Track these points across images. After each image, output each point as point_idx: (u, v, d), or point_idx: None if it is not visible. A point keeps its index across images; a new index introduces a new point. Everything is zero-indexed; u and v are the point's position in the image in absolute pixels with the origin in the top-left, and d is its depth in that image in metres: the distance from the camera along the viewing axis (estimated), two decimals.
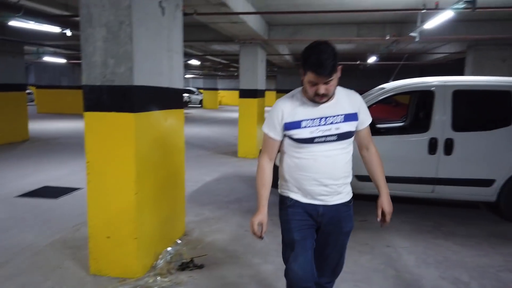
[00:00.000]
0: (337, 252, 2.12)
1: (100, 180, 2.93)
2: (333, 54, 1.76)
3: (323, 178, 1.91)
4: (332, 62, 1.75)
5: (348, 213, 2.05)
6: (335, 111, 1.90)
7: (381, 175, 2.06)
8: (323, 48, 1.76)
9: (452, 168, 4.44)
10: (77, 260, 3.30)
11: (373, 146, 2.08)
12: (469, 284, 3.07)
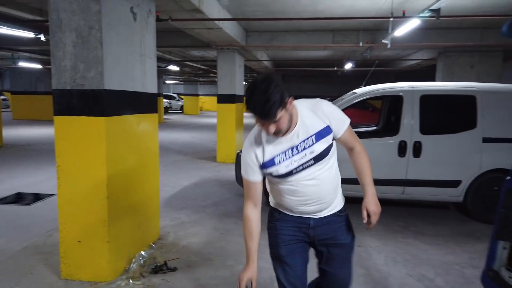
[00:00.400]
0: (345, 269, 1.98)
1: (70, 184, 2.93)
2: (273, 95, 1.57)
3: (310, 200, 1.83)
4: (270, 106, 1.57)
5: (341, 224, 1.93)
6: (304, 135, 1.75)
7: (366, 174, 1.88)
8: (261, 89, 1.57)
9: (421, 170, 4.60)
10: (49, 266, 3.27)
11: (358, 145, 1.91)
12: (434, 280, 3.19)
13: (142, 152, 3.52)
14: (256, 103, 1.58)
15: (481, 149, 4.46)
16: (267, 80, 1.60)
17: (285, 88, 1.64)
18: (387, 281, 3.16)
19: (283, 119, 1.65)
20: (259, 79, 1.62)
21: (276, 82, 1.60)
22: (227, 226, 4.42)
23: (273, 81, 1.60)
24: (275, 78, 1.63)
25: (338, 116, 1.81)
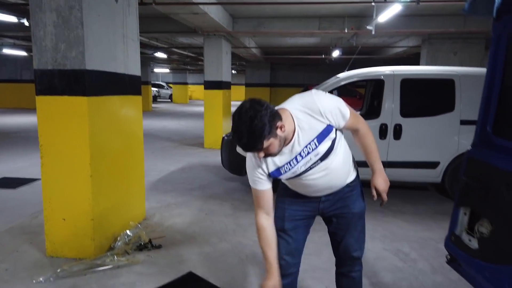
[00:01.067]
0: (352, 237, 1.98)
1: (54, 163, 2.97)
2: (258, 128, 1.50)
3: (322, 189, 1.86)
4: (254, 139, 1.52)
5: (352, 193, 1.94)
6: (305, 141, 1.70)
7: (372, 152, 1.89)
8: (245, 120, 1.51)
9: (401, 152, 4.73)
10: (34, 244, 3.33)
11: (363, 126, 1.86)
12: (409, 254, 3.33)
13: (126, 134, 3.57)
14: (240, 135, 1.53)
15: (459, 131, 4.60)
16: (253, 110, 1.52)
17: (275, 112, 1.58)
18: (364, 255, 3.28)
19: (272, 146, 1.60)
20: (244, 108, 1.54)
21: (262, 112, 1.52)
22: (212, 207, 4.51)
23: (258, 111, 1.51)
24: (261, 106, 1.54)
25: (336, 111, 1.70)
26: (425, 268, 3.08)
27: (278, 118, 1.59)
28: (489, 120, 1.77)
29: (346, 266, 2.06)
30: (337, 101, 1.74)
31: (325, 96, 1.73)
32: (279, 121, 1.59)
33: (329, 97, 1.74)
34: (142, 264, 3.06)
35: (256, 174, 1.76)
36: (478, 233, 1.76)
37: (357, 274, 2.07)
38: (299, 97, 1.75)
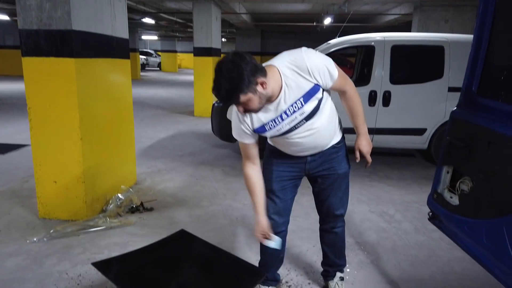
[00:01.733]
0: (336, 196, 2.02)
1: (43, 125, 2.95)
2: (235, 80, 1.49)
3: (307, 148, 1.87)
4: (231, 92, 1.52)
5: (338, 154, 1.96)
6: (291, 99, 1.69)
7: (359, 115, 1.90)
8: (223, 73, 1.50)
9: (389, 119, 4.79)
10: (26, 207, 3.36)
11: (350, 88, 1.85)
12: (394, 216, 3.45)
13: (115, 99, 3.54)
14: (218, 87, 1.52)
15: (446, 98, 4.66)
16: (232, 63, 1.50)
17: (257, 67, 1.55)
18: (350, 217, 3.40)
19: (251, 101, 1.58)
20: (225, 60, 1.52)
21: (242, 66, 1.50)
22: (203, 173, 4.56)
23: (238, 64, 1.49)
24: (242, 59, 1.51)
25: (324, 70, 1.68)
26: (408, 228, 3.20)
27: (260, 74, 1.56)
28: (475, 80, 1.81)
29: (329, 223, 2.13)
30: (327, 60, 1.72)
31: (314, 54, 1.70)
32: (261, 77, 1.56)
33: (318, 55, 1.71)
34: (134, 225, 3.12)
35: (241, 128, 1.77)
36: (459, 190, 1.84)
37: (340, 230, 2.16)
38: (288, 54, 1.71)
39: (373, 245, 2.91)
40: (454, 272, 2.57)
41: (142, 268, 1.87)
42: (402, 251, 2.82)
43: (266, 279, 2.17)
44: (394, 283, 2.42)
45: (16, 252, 2.65)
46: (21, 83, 13.46)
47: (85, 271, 2.44)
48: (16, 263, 2.51)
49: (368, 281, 2.44)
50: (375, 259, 2.71)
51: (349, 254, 2.75)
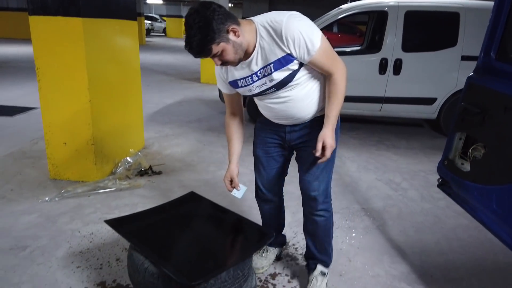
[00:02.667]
0: (312, 174, 1.80)
1: (51, 87, 2.94)
2: (201, 30, 1.40)
3: (281, 116, 1.79)
4: (200, 43, 1.43)
5: (319, 127, 1.71)
6: (262, 63, 1.59)
7: (334, 105, 1.65)
8: (190, 24, 1.41)
9: (399, 87, 4.72)
10: (37, 168, 3.40)
11: (337, 72, 1.63)
12: (400, 184, 3.47)
13: (123, 62, 3.50)
14: (189, 40, 1.44)
15: (459, 67, 4.57)
16: (197, 13, 1.40)
17: (227, 15, 1.45)
18: (357, 184, 3.42)
19: (226, 51, 1.48)
20: (191, 12, 1.43)
21: (208, 14, 1.40)
22: (210, 139, 4.57)
23: (204, 13, 1.40)
24: (208, 8, 1.41)
25: (300, 42, 1.51)
26: (415, 196, 3.23)
27: (231, 21, 1.46)
28: (494, 45, 1.76)
29: (307, 206, 1.90)
30: (310, 31, 1.52)
31: (298, 22, 1.51)
32: (232, 24, 1.46)
33: (303, 24, 1.52)
34: (143, 188, 3.16)
35: (219, 77, 1.77)
36: (471, 157, 1.83)
37: (321, 220, 1.89)
38: (272, 14, 1.57)
39: (379, 211, 2.94)
40: (459, 238, 2.60)
41: (153, 227, 1.91)
42: (408, 218, 2.85)
43: (274, 240, 2.21)
44: (399, 248, 2.46)
45: (29, 210, 2.71)
46: (25, 46, 13.37)
47: (97, 230, 2.50)
48: (29, 221, 2.58)
49: (374, 245, 2.48)
50: (381, 224, 2.75)
51: (355, 220, 2.80)
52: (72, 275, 2.07)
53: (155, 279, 1.58)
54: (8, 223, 2.54)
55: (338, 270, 2.21)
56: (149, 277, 1.59)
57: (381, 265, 2.28)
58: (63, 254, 2.25)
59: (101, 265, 2.16)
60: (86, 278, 2.05)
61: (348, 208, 2.97)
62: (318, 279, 1.97)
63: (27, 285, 1.98)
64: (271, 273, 2.17)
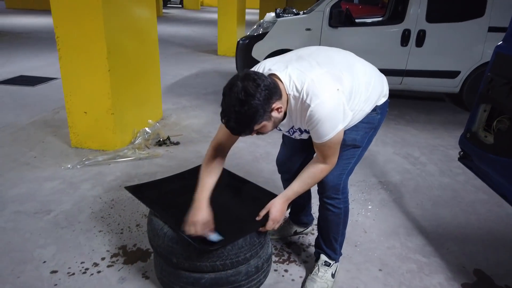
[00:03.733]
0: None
1: (71, 56, 2.96)
2: (247, 112, 1.33)
3: None
4: (242, 126, 1.38)
5: (356, 123, 1.68)
6: (292, 124, 1.60)
7: (299, 182, 1.62)
8: (232, 103, 1.33)
9: (421, 60, 4.58)
10: (58, 136, 3.48)
11: (326, 164, 1.58)
12: (419, 158, 3.43)
13: (141, 32, 3.48)
14: (228, 117, 1.36)
15: (485, 39, 4.39)
16: (244, 91, 1.31)
17: (270, 90, 1.36)
18: (374, 157, 3.40)
19: (264, 127, 1.45)
20: (235, 87, 1.32)
21: (256, 96, 1.32)
22: None
23: (251, 94, 1.31)
24: (256, 86, 1.32)
25: (314, 129, 1.48)
26: (433, 170, 3.19)
27: (275, 97, 1.40)
28: None
29: (319, 193, 1.80)
30: (328, 126, 1.45)
31: (322, 111, 1.42)
32: (276, 101, 1.40)
33: (325, 116, 1.43)
34: (162, 157, 3.21)
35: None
36: (495, 129, 1.78)
37: (327, 213, 1.80)
38: (308, 85, 1.43)
39: (396, 185, 2.92)
40: (477, 213, 2.58)
41: (172, 194, 1.95)
42: (425, 192, 2.83)
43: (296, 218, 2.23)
44: (415, 221, 2.46)
45: (52, 176, 2.80)
46: (45, 17, 13.41)
47: (117, 197, 2.57)
48: (52, 187, 2.66)
49: (389, 218, 2.48)
50: (397, 198, 2.74)
51: (372, 193, 2.79)
52: (94, 239, 2.15)
53: (174, 244, 1.62)
54: (33, 189, 2.63)
55: (354, 241, 2.22)
56: (168, 242, 1.63)
57: (396, 237, 2.28)
58: (85, 219, 2.33)
59: (121, 230, 2.24)
60: (108, 242, 2.13)
61: (365, 181, 2.96)
62: (321, 269, 1.88)
63: (52, 247, 2.07)
64: (287, 242, 2.21)
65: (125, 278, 1.87)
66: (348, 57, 1.68)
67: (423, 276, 1.97)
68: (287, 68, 1.50)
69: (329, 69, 1.51)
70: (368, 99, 1.63)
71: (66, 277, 1.86)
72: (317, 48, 1.70)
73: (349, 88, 1.53)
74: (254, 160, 3.27)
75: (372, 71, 1.70)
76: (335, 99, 1.45)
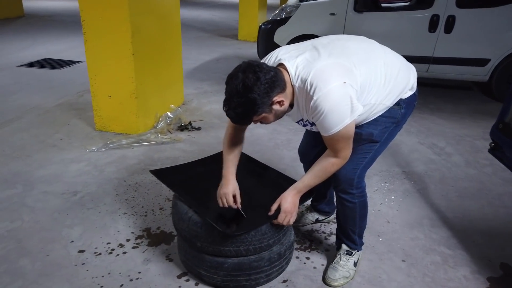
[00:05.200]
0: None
1: (96, 39, 2.99)
2: (246, 102, 1.35)
3: None
4: (241, 116, 1.40)
5: (376, 117, 1.62)
6: (301, 116, 1.58)
7: (311, 174, 1.60)
8: (233, 91, 1.35)
9: (450, 47, 4.43)
10: (83, 119, 3.55)
11: (337, 157, 1.54)
12: (444, 148, 3.35)
13: (164, 16, 3.48)
14: (228, 105, 1.38)
15: None
16: (246, 80, 1.32)
17: (272, 83, 1.37)
18: (398, 147, 3.33)
19: (266, 118, 1.47)
20: (237, 75, 1.35)
21: (254, 88, 1.33)
22: None
23: (252, 84, 1.33)
24: (255, 80, 1.33)
25: (319, 121, 1.45)
26: (459, 161, 3.11)
27: (278, 89, 1.40)
28: None
29: (335, 188, 1.78)
30: (334, 118, 1.41)
31: (326, 104, 1.38)
32: (278, 93, 1.41)
33: (330, 107, 1.38)
34: (183, 142, 3.24)
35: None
36: None
37: (340, 205, 1.80)
38: (313, 77, 1.40)
39: (421, 175, 2.87)
40: (504, 206, 2.51)
41: (195, 178, 1.96)
42: (451, 183, 2.77)
43: (318, 206, 2.22)
44: (439, 212, 2.41)
45: (78, 159, 2.86)
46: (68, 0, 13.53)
47: (141, 180, 2.61)
48: (78, 168, 2.72)
49: (413, 209, 2.44)
50: (422, 188, 2.69)
51: (395, 182, 2.75)
52: (119, 220, 2.19)
53: (199, 228, 1.64)
54: (59, 170, 2.69)
55: (376, 231, 2.20)
56: (193, 226, 1.65)
57: (420, 228, 2.25)
58: (110, 200, 2.37)
59: (145, 212, 2.27)
60: (132, 224, 2.17)
61: (388, 170, 2.92)
62: (343, 258, 1.85)
63: (79, 227, 2.12)
64: (309, 230, 2.20)
65: (150, 260, 1.91)
66: (369, 48, 1.62)
67: (447, 268, 1.94)
68: (296, 58, 1.48)
69: (340, 61, 1.47)
70: (389, 92, 1.58)
71: (93, 256, 1.91)
72: (337, 38, 1.64)
73: (362, 80, 1.48)
74: (275, 147, 3.26)
75: (396, 62, 1.64)
76: (340, 91, 1.40)
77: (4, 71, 5.01)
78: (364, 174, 1.74)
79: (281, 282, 1.80)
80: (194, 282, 1.78)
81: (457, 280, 1.87)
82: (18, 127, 3.34)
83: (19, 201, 2.32)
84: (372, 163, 1.75)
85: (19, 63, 5.37)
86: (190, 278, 1.80)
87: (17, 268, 1.82)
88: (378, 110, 1.60)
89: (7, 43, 6.66)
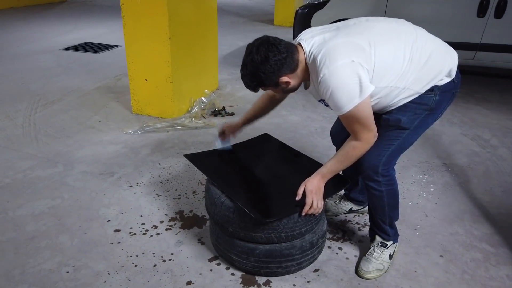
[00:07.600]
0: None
1: (134, 22, 3.02)
2: (254, 75, 1.47)
3: None
4: (249, 82, 1.52)
5: (405, 103, 1.56)
6: (318, 96, 1.58)
7: (334, 161, 1.57)
8: (246, 63, 1.48)
9: (499, 33, 4.14)
10: (121, 103, 3.63)
11: (357, 140, 1.50)
12: (489, 141, 3.16)
13: (200, 0, 3.46)
14: (242, 73, 1.52)
15: None
16: (260, 54, 1.42)
17: (282, 64, 1.43)
18: (439, 138, 3.19)
19: (274, 91, 1.62)
20: (251, 51, 1.46)
21: (265, 64, 1.42)
22: None
23: (260, 61, 1.42)
24: (266, 57, 1.41)
25: (329, 101, 1.45)
26: (505, 155, 2.93)
27: (286, 70, 1.46)
28: None
29: (360, 174, 1.78)
30: (341, 96, 1.40)
31: (334, 81, 1.38)
32: (285, 75, 1.48)
33: (338, 84, 1.38)
34: (217, 127, 3.23)
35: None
36: None
37: (373, 194, 1.72)
38: (324, 56, 1.41)
39: (463, 168, 2.73)
40: None
41: (228, 164, 1.96)
42: (496, 177, 2.62)
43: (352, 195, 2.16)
44: (482, 207, 2.29)
45: (115, 140, 2.93)
46: None
47: (175, 163, 2.64)
48: (115, 150, 2.79)
49: (454, 202, 2.33)
50: (464, 182, 2.56)
51: (435, 175, 2.63)
52: (154, 202, 2.24)
53: (231, 213, 1.63)
54: (98, 151, 2.77)
55: (413, 224, 2.12)
56: (225, 211, 1.65)
57: (461, 223, 2.15)
58: (145, 182, 2.42)
59: (179, 195, 2.30)
60: (166, 206, 2.21)
61: (428, 162, 2.80)
62: (377, 250, 1.80)
63: (116, 207, 2.18)
64: (342, 220, 2.16)
65: (182, 242, 1.94)
66: (395, 29, 1.53)
67: (489, 267, 1.84)
68: (314, 38, 1.51)
69: (353, 39, 1.45)
70: (418, 77, 1.50)
71: (128, 236, 1.96)
72: (368, 19, 1.59)
73: (378, 61, 1.43)
74: (309, 134, 3.20)
75: (430, 46, 1.53)
76: (347, 69, 1.39)
77: (47, 54, 5.20)
78: (393, 162, 1.68)
79: (312, 271, 1.78)
80: (225, 266, 1.79)
81: (499, 279, 1.77)
82: (60, 109, 3.46)
83: (60, 180, 2.42)
84: (402, 152, 1.67)
85: (62, 46, 5.56)
86: (221, 262, 1.81)
87: (56, 243, 1.89)
88: (405, 95, 1.53)
89: (50, 27, 6.92)
